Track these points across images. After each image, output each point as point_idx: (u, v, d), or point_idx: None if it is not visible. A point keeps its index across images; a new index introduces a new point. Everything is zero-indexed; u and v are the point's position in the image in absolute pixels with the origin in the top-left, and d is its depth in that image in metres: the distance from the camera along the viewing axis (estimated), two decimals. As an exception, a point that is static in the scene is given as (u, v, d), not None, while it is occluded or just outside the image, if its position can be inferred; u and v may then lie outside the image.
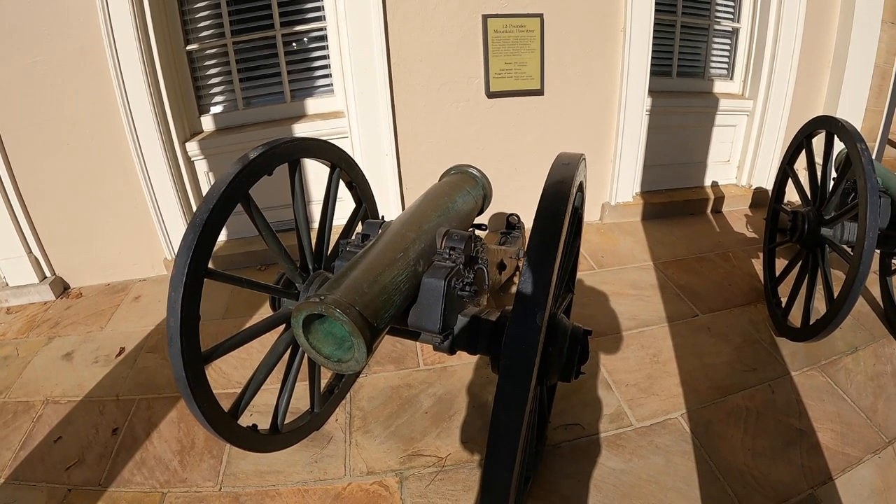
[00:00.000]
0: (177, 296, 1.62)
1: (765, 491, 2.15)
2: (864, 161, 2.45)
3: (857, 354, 2.94)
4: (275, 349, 2.04)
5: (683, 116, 4.74)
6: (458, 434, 2.48)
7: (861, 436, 2.41)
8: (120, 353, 3.19)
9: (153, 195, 3.88)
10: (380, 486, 2.24)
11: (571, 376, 1.74)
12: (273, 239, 1.99)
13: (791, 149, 3.31)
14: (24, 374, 3.07)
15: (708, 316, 3.32)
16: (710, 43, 4.77)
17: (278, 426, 2.17)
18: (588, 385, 2.75)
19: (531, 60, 4.05)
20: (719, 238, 4.42)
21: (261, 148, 1.90)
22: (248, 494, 2.23)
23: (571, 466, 2.28)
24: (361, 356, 1.51)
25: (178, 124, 3.85)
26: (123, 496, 2.25)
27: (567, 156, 1.68)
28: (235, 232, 4.31)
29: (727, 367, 2.87)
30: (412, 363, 2.97)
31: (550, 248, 1.33)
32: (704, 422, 2.51)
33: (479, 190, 2.73)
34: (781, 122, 4.73)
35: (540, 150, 4.37)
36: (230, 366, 2.96)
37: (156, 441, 2.53)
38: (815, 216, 2.93)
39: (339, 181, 2.35)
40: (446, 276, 1.80)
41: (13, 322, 3.67)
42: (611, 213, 4.72)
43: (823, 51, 4.68)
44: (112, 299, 3.88)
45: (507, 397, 1.24)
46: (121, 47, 3.43)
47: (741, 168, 5.09)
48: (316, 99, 4.24)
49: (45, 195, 3.79)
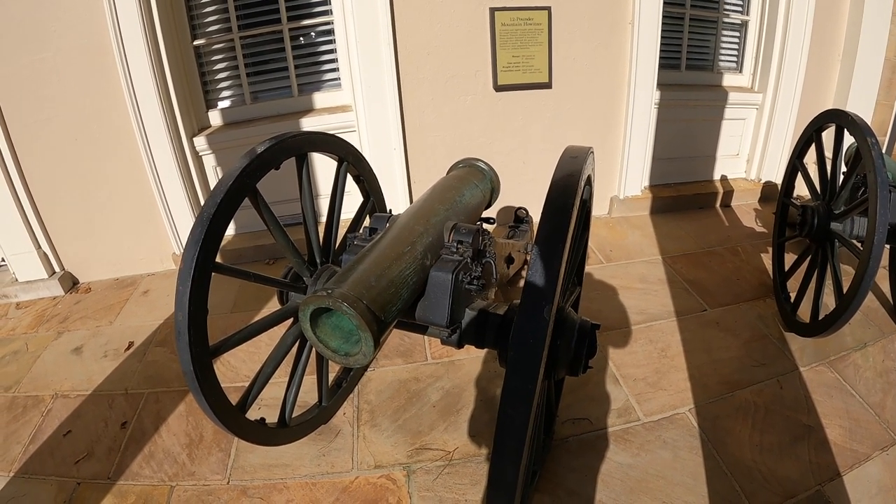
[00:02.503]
0: (185, 290, 1.62)
1: (772, 487, 2.14)
2: (874, 155, 2.43)
3: (866, 350, 2.92)
4: (283, 343, 2.05)
5: (692, 110, 4.71)
6: (465, 428, 2.49)
7: (869, 432, 2.39)
8: (129, 348, 3.21)
9: (161, 190, 3.89)
10: (387, 480, 2.24)
11: (579, 371, 1.74)
12: (281, 233, 1.99)
13: (800, 143, 3.29)
14: (33, 369, 3.09)
15: (716, 310, 3.30)
16: (719, 36, 4.74)
17: (286, 420, 2.18)
18: (596, 379, 2.74)
19: (539, 54, 4.04)
20: (728, 232, 4.40)
21: (268, 142, 1.90)
22: (255, 487, 2.24)
23: (579, 461, 2.28)
24: (369, 350, 1.51)
25: (185, 119, 3.86)
26: (132, 489, 2.27)
27: (575, 149, 1.67)
28: (244, 226, 4.32)
29: (735, 361, 2.86)
30: (420, 357, 2.97)
31: (558, 241, 1.32)
32: (712, 417, 2.50)
33: (487, 183, 2.73)
34: (791, 116, 4.69)
35: (548, 144, 4.35)
36: (238, 359, 2.97)
37: (164, 435, 2.55)
38: (824, 211, 2.91)
39: (346, 175, 2.35)
40: (454, 269, 1.80)
41: (23, 317, 3.69)
42: (619, 207, 4.71)
43: (833, 44, 4.64)
44: (121, 294, 3.90)
45: (514, 391, 1.24)
46: (128, 43, 3.44)
47: (750, 162, 5.06)
48: (323, 93, 4.24)
49: (54, 191, 3.80)
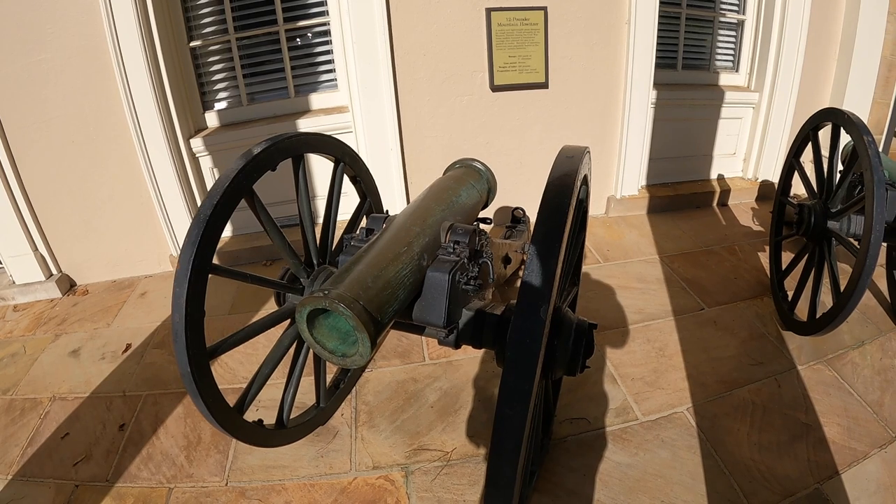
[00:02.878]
0: (181, 292, 1.62)
1: (771, 485, 2.15)
2: (870, 153, 2.43)
3: (863, 348, 2.92)
4: (280, 344, 2.05)
5: (689, 109, 4.72)
6: (463, 428, 2.49)
7: (867, 430, 2.40)
8: (126, 350, 3.20)
9: (158, 192, 3.88)
10: (385, 481, 2.24)
11: (577, 370, 1.74)
12: (277, 234, 1.99)
13: (797, 141, 3.29)
14: (31, 371, 3.08)
15: (714, 309, 3.31)
16: (715, 35, 4.75)
17: (284, 421, 2.18)
18: (594, 379, 2.74)
19: (535, 54, 4.04)
20: (725, 231, 4.40)
21: (264, 143, 1.90)
22: (254, 489, 2.23)
23: (577, 460, 2.28)
24: (366, 351, 1.51)
25: (182, 121, 3.85)
26: (130, 491, 2.26)
27: (571, 149, 1.67)
28: (241, 227, 4.32)
29: (733, 360, 2.86)
30: (418, 357, 2.97)
31: (554, 241, 1.32)
32: (710, 416, 2.50)
33: (484, 184, 2.73)
34: (787, 115, 4.70)
35: (545, 144, 4.35)
36: (236, 361, 2.97)
37: (162, 436, 2.54)
38: (821, 209, 2.92)
39: (342, 176, 2.35)
40: (451, 270, 1.80)
41: (20, 319, 3.69)
42: (616, 207, 4.71)
43: (830, 42, 4.65)
44: (118, 296, 3.89)
45: (511, 391, 1.24)
46: (124, 45, 3.43)
47: (747, 161, 5.07)
48: (320, 94, 4.24)
49: (51, 193, 3.79)
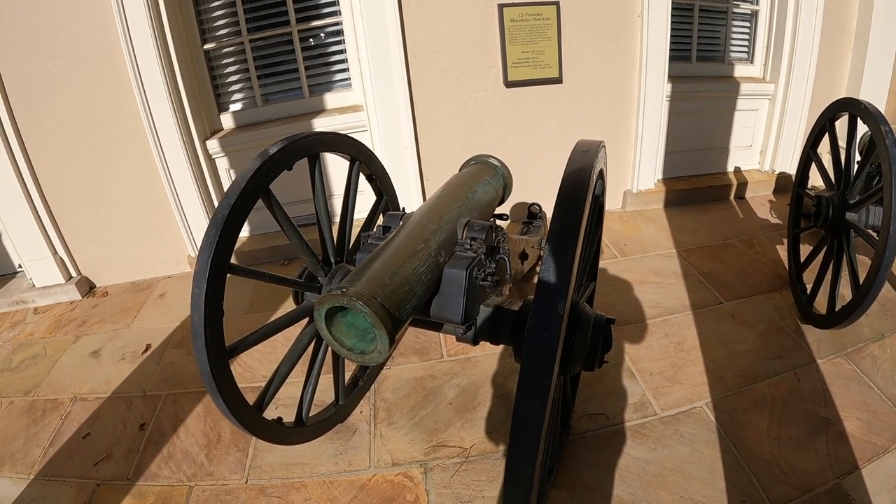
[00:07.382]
0: (200, 291, 1.64)
1: (790, 480, 2.13)
2: (888, 143, 2.40)
3: (883, 341, 2.88)
4: (299, 342, 2.06)
5: (704, 101, 4.67)
6: (482, 425, 2.49)
7: (888, 424, 2.36)
8: (146, 350, 3.24)
9: (175, 193, 3.92)
10: (404, 478, 2.25)
11: (595, 365, 1.73)
12: (294, 233, 2.00)
13: (814, 132, 3.26)
14: (52, 373, 3.13)
15: (732, 303, 3.28)
16: (729, 26, 4.70)
17: (303, 419, 2.20)
18: (612, 374, 2.73)
19: (548, 49, 4.02)
20: (743, 224, 4.36)
21: (280, 143, 1.91)
22: (273, 487, 2.25)
23: (596, 456, 2.28)
24: (384, 347, 1.51)
25: (197, 123, 3.89)
26: (151, 490, 2.29)
27: (586, 143, 1.66)
28: (258, 227, 4.34)
29: (752, 354, 2.84)
30: (436, 354, 2.97)
31: (571, 236, 1.32)
32: (729, 410, 2.48)
33: (500, 179, 2.73)
34: (803, 106, 4.64)
35: (560, 139, 4.34)
36: (255, 360, 2.99)
37: (182, 435, 2.57)
38: (839, 200, 2.88)
39: (358, 174, 2.36)
40: (468, 266, 1.80)
41: (41, 322, 3.73)
42: (633, 201, 4.68)
43: (845, 32, 4.59)
44: (137, 297, 3.93)
45: (529, 387, 1.23)
46: (138, 49, 3.46)
47: (764, 153, 5.02)
48: (334, 93, 4.25)
49: (69, 196, 3.84)
